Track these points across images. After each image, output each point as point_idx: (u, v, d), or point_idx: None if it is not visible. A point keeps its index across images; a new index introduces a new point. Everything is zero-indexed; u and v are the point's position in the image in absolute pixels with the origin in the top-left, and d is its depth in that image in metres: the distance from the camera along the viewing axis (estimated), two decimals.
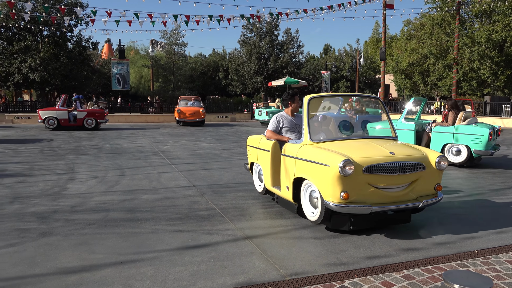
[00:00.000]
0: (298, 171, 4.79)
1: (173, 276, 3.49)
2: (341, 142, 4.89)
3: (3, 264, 3.69)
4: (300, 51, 40.40)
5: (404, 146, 4.89)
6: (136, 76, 41.14)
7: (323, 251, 4.06)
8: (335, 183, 4.19)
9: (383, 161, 4.29)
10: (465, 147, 9.04)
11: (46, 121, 18.46)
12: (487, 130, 8.73)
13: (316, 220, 4.66)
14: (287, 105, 5.71)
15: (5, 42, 30.93)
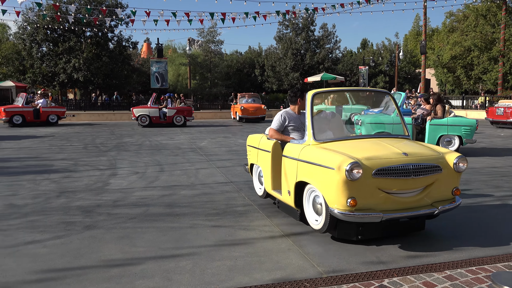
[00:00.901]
0: (300, 174, 4.32)
1: (211, 270, 3.54)
2: (349, 142, 4.43)
3: (51, 255, 3.88)
4: (337, 46, 39.79)
5: (418, 146, 4.46)
6: (174, 74, 41.91)
7: (361, 249, 4.00)
8: (342, 189, 3.74)
9: (395, 163, 3.84)
10: (457, 137, 9.99)
11: (139, 118, 19.10)
12: (475, 121, 10.02)
13: (320, 229, 4.18)
14: (295, 102, 5.23)
15: (51, 44, 32.30)
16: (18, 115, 19.22)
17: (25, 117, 19.34)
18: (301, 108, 5.22)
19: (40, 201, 5.81)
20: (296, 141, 4.70)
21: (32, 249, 4.03)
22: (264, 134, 5.45)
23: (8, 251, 3.97)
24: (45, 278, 3.40)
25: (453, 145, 10.10)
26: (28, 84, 34.24)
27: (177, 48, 45.85)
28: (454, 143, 10.08)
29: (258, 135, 5.60)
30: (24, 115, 19.29)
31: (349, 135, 4.98)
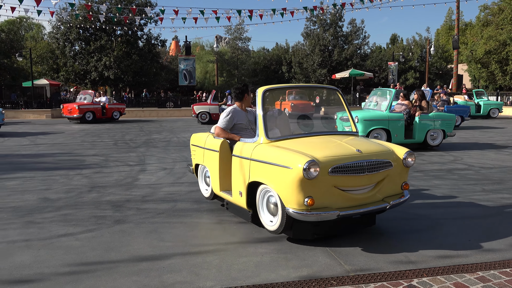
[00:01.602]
0: (253, 174, 4.14)
1: (237, 266, 3.56)
2: (301, 140, 4.32)
3: (83, 248, 3.99)
4: (366, 42, 39.15)
5: (369, 142, 4.45)
6: (201, 71, 42.31)
7: (389, 248, 3.93)
8: (299, 188, 3.66)
9: (350, 160, 3.82)
10: (441, 131, 10.48)
11: (199, 115, 19.20)
12: (454, 116, 10.87)
13: (275, 230, 4.07)
14: (241, 98, 4.99)
15: (83, 43, 33.17)
16: (90, 111, 19.94)
17: (95, 114, 20.06)
18: (247, 104, 5.06)
19: (73, 196, 5.99)
20: (247, 140, 4.48)
21: (65, 241, 4.16)
22: (209, 133, 5.25)
23: (43, 243, 4.12)
24: (77, 270, 3.50)
25: (437, 139, 10.53)
26: (61, 82, 35.32)
27: (204, 46, 46.26)
28: (438, 137, 10.52)
29: (203, 134, 5.37)
30: (95, 111, 20.01)
31: (301, 133, 4.71)
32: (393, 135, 10.12)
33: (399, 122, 10.13)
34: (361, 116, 10.04)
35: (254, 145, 4.26)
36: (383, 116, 10.17)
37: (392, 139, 10.06)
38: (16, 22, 46.60)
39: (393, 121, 10.10)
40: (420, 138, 10.37)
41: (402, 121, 10.18)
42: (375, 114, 10.30)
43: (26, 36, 47.56)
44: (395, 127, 10.09)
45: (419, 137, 10.33)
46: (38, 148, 11.06)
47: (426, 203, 5.55)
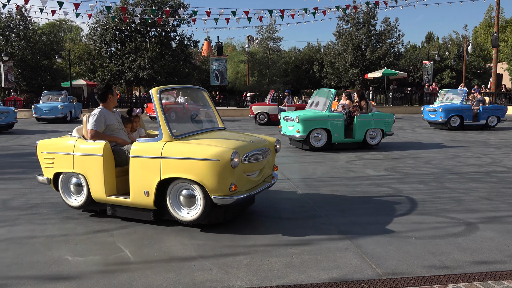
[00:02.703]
0: (166, 171, 4.27)
1: (267, 266, 3.57)
2: (203, 135, 4.82)
3: (117, 244, 4.11)
4: (400, 40, 38.24)
5: (249, 135, 5.19)
6: (233, 71, 42.56)
7: (423, 252, 3.84)
8: (225, 176, 4.12)
9: (252, 149, 4.55)
10: (379, 131, 10.62)
11: (257, 116, 18.61)
12: (393, 115, 10.92)
13: (193, 220, 4.34)
14: (105, 99, 4.95)
15: (119, 44, 34.05)
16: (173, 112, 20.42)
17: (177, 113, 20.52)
18: (112, 105, 5.06)
19: None
20: (147, 140, 4.55)
21: (101, 237, 4.29)
22: (68, 136, 5.08)
23: (80, 238, 4.27)
24: (111, 266, 3.60)
25: (375, 138, 10.66)
26: (98, 83, 36.40)
27: (236, 46, 46.49)
28: (377, 136, 10.65)
29: (62, 139, 5.12)
30: (177, 111, 20.42)
31: (197, 129, 5.06)
32: (333, 134, 10.24)
33: (339, 122, 10.23)
34: (301, 116, 10.11)
35: (161, 144, 4.39)
36: (323, 116, 10.23)
37: (333, 139, 10.27)
38: (56, 25, 48.41)
39: (333, 121, 10.19)
40: (359, 138, 10.46)
41: (342, 121, 10.25)
42: (315, 114, 10.36)
43: (65, 38, 49.31)
44: (335, 126, 10.20)
45: (359, 136, 10.43)
46: None
47: (462, 206, 5.37)
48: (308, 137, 10.12)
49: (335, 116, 10.23)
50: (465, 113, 15.07)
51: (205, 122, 5.42)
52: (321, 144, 10.26)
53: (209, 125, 5.35)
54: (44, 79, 34.96)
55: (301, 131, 10.01)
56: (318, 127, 10.15)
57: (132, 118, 5.43)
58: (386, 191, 6.21)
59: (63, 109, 19.64)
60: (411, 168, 8.07)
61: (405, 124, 18.09)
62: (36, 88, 35.14)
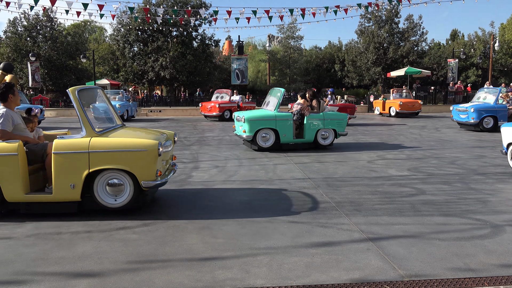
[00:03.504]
0: (96, 164, 4.72)
1: (288, 266, 3.56)
2: (121, 130, 5.44)
3: (140, 241, 4.17)
4: (423, 38, 37.53)
5: (152, 130, 5.93)
6: (253, 70, 42.60)
7: (447, 254, 3.76)
8: (153, 164, 4.81)
9: (165, 140, 5.29)
10: (331, 131, 10.41)
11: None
12: (346, 115, 10.73)
13: (123, 205, 4.88)
14: (5, 99, 5.00)
15: (142, 44, 34.53)
16: (228, 110, 20.71)
17: (233, 112, 20.76)
18: (14, 105, 5.11)
19: None
20: (71, 136, 4.93)
21: (123, 234, 4.37)
22: None
23: (103, 235, 4.35)
24: (134, 263, 3.66)
25: (328, 139, 10.46)
26: (121, 82, 37.01)
27: (257, 45, 46.50)
28: (329, 137, 10.46)
29: None
30: (231, 110, 20.69)
31: (112, 126, 5.56)
32: (281, 134, 10.04)
33: (287, 122, 10.00)
34: (247, 116, 9.98)
35: (86, 139, 4.80)
36: (270, 116, 10.04)
37: (281, 139, 10.05)
38: (81, 26, 49.46)
39: (281, 120, 9.98)
40: (309, 138, 10.27)
41: (290, 121, 10.02)
42: (261, 114, 10.22)
43: (89, 38, 50.30)
44: (282, 126, 9.98)
45: (309, 136, 10.24)
46: None
47: (488, 208, 5.24)
48: (255, 137, 9.97)
49: (283, 116, 10.01)
50: (499, 113, 13.77)
51: (110, 120, 5.83)
52: (269, 145, 10.06)
53: (114, 123, 5.78)
54: (69, 78, 35.76)
55: (247, 131, 9.89)
56: (265, 127, 9.97)
57: (31, 117, 5.57)
58: (408, 192, 6.11)
59: (121, 108, 20.01)
60: (435, 168, 7.91)
61: (428, 123, 17.77)
62: (61, 88, 35.99)
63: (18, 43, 33.93)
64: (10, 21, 35.18)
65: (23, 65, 32.93)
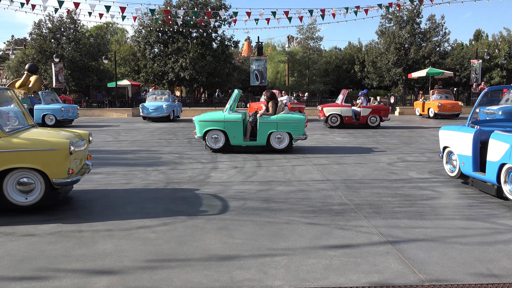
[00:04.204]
0: (5, 163, 4.88)
1: (306, 267, 3.54)
2: (30, 131, 5.51)
3: (159, 240, 4.21)
4: (446, 39, 36.85)
5: (65, 129, 6.19)
6: (272, 71, 42.59)
7: (469, 259, 3.68)
8: (65, 162, 5.02)
9: (78, 140, 5.50)
10: (286, 134, 9.98)
11: (329, 118, 16.73)
12: (304, 118, 10.09)
13: (34, 203, 5.04)
14: None
15: (162, 45, 34.94)
16: None
17: None
18: None
19: (150, 190, 6.34)
20: None
21: (143, 233, 4.42)
22: None
23: (123, 233, 4.41)
24: (153, 261, 3.70)
25: (283, 142, 10.07)
26: (141, 83, 37.50)
27: (276, 46, 46.47)
28: (284, 140, 10.07)
29: None
30: None
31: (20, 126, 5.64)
32: (231, 136, 9.94)
33: (235, 124, 9.87)
34: (197, 117, 9.98)
35: None
36: (220, 118, 9.94)
37: (231, 141, 9.96)
38: (103, 28, 50.33)
39: (230, 122, 9.88)
40: (262, 140, 10.00)
41: (240, 122, 9.86)
42: (211, 115, 10.14)
43: (111, 40, 51.15)
44: (232, 128, 9.89)
45: (261, 139, 9.98)
46: (120, 145, 11.84)
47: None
48: (205, 138, 10.00)
49: (233, 118, 9.88)
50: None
51: (21, 120, 5.96)
52: (219, 146, 10.01)
53: (25, 123, 5.90)
54: (92, 79, 36.43)
55: (198, 132, 10.02)
56: (214, 128, 9.93)
57: None
58: (429, 195, 6.01)
59: (168, 108, 20.28)
60: None
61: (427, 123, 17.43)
62: (84, 88, 36.71)
63: (43, 44, 34.75)
64: (35, 23, 36.09)
65: (47, 66, 33.68)
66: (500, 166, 5.46)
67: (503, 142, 5.43)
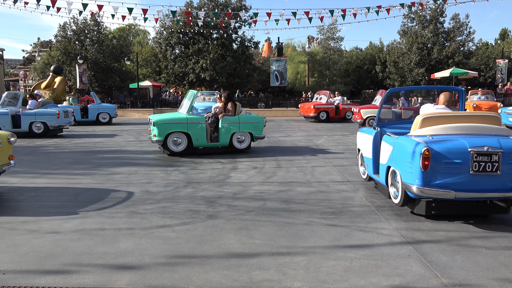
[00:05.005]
0: None
1: (325, 269, 3.52)
2: None
3: (179, 239, 4.25)
4: (470, 38, 36.05)
5: None
6: (292, 72, 42.47)
7: (494, 264, 3.59)
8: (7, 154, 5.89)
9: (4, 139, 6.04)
10: (248, 134, 10.17)
11: (367, 121, 15.83)
12: (263, 118, 10.42)
13: None
14: None
15: (183, 46, 35.29)
16: (324, 111, 20.99)
17: (329, 113, 20.97)
18: None
19: (171, 190, 6.40)
20: None
21: (163, 232, 4.47)
22: None
23: (144, 232, 4.47)
24: (173, 260, 3.74)
25: (244, 142, 10.19)
26: (162, 84, 37.93)
27: (296, 46, 46.33)
28: (245, 140, 10.19)
29: None
30: (328, 111, 20.94)
31: None
32: (194, 138, 9.72)
33: (199, 125, 9.72)
34: (157, 119, 9.62)
35: None
36: (181, 119, 9.67)
37: (194, 143, 9.75)
38: (126, 29, 51.17)
39: (193, 124, 9.69)
40: (224, 142, 9.99)
41: (202, 124, 9.74)
42: (172, 117, 9.87)
43: (133, 41, 51.93)
44: (195, 130, 9.68)
45: (224, 140, 9.97)
46: (141, 145, 12.00)
47: None
48: (166, 141, 9.62)
49: (195, 119, 9.72)
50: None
51: None
52: (181, 149, 9.70)
53: None
54: (114, 80, 37.05)
55: (157, 134, 9.53)
56: (176, 131, 9.63)
57: None
58: None
59: None
60: None
61: None
62: (106, 89, 37.34)
63: (68, 46, 35.53)
64: (60, 26, 36.93)
65: (72, 68, 34.41)
66: (387, 169, 5.41)
67: (388, 144, 5.35)
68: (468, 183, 4.45)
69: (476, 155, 4.40)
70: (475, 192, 4.45)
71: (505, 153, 4.41)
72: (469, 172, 4.43)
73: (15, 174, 7.57)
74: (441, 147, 4.51)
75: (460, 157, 4.43)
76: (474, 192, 4.45)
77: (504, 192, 4.44)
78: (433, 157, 4.45)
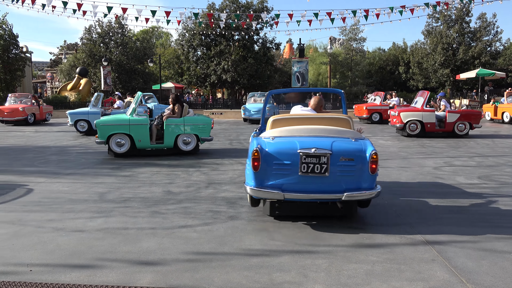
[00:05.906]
0: None
1: (347, 272, 3.48)
2: None
3: (200, 239, 4.28)
4: (498, 38, 35.13)
5: None
6: (314, 73, 42.28)
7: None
8: None
9: None
10: (194, 136, 10.08)
11: (407, 125, 14.09)
12: (210, 120, 10.28)
13: None
14: None
15: (205, 48, 35.60)
16: (377, 113, 20.96)
17: (382, 115, 20.72)
18: None
19: (192, 190, 6.46)
20: None
21: (185, 232, 4.51)
22: None
23: (166, 232, 4.52)
24: (194, 260, 3.77)
25: (190, 144, 10.12)
26: (184, 85, 38.34)
27: (318, 48, 46.09)
28: (191, 142, 10.12)
29: None
30: (382, 113, 20.77)
31: None
32: (136, 140, 9.68)
33: (142, 127, 9.65)
34: (98, 120, 9.54)
35: None
36: (124, 121, 9.56)
37: (137, 144, 9.72)
38: (149, 32, 51.92)
39: (135, 125, 9.64)
40: (169, 143, 9.92)
41: (146, 125, 9.68)
42: (114, 118, 9.77)
43: (156, 43, 52.68)
44: (137, 132, 9.65)
45: (168, 141, 9.89)
46: None
47: None
48: (108, 142, 9.60)
49: (138, 121, 9.62)
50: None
51: None
52: (124, 150, 9.66)
53: None
54: (137, 82, 37.65)
55: (99, 136, 9.53)
56: (118, 132, 9.57)
57: None
58: (479, 201, 5.74)
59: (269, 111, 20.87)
60: (509, 177, 7.37)
61: (502, 129, 16.59)
62: (130, 91, 37.97)
63: (93, 49, 36.30)
64: (86, 29, 37.80)
65: (97, 70, 35.14)
66: None
67: None
68: (297, 184, 4.47)
69: (305, 156, 4.40)
70: (305, 193, 4.46)
71: (333, 155, 4.39)
72: (298, 173, 4.43)
73: (41, 174, 7.78)
74: (273, 148, 4.53)
75: (289, 158, 4.45)
76: (304, 193, 4.46)
77: (334, 193, 4.44)
78: (263, 158, 4.48)
